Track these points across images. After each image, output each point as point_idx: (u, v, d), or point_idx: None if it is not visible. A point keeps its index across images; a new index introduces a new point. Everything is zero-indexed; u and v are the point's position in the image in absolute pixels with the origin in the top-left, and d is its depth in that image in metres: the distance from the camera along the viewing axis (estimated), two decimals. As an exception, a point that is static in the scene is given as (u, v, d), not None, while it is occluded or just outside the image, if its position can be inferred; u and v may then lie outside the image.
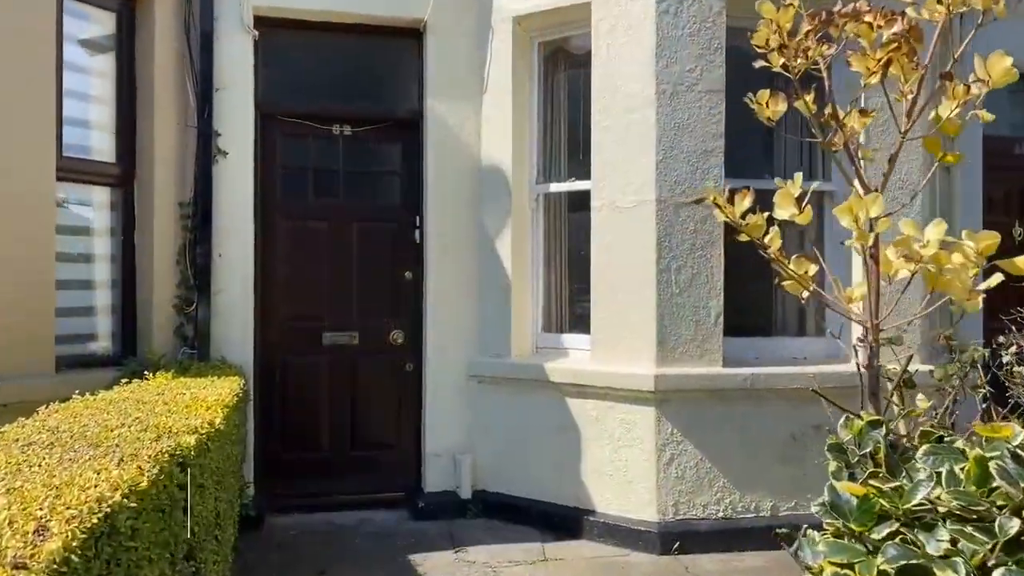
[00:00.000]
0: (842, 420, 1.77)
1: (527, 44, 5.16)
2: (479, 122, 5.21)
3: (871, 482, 1.54)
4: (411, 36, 5.27)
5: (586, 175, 4.85)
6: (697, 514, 4.49)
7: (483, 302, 5.19)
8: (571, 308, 5.20)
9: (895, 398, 2.31)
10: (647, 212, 4.50)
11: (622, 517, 4.56)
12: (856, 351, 2.64)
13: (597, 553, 4.46)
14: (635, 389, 4.50)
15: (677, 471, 4.48)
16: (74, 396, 3.13)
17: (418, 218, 5.28)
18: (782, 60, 1.68)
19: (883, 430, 1.65)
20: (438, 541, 4.61)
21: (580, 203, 4.97)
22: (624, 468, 4.59)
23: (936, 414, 2.70)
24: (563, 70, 5.25)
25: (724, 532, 4.47)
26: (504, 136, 5.09)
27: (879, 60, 1.56)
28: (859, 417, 2.42)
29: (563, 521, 4.74)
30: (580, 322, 5.05)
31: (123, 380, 3.73)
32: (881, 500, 1.50)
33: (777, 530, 4.48)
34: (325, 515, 5.01)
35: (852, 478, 1.67)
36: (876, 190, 1.70)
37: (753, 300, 5.03)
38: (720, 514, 4.51)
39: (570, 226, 5.20)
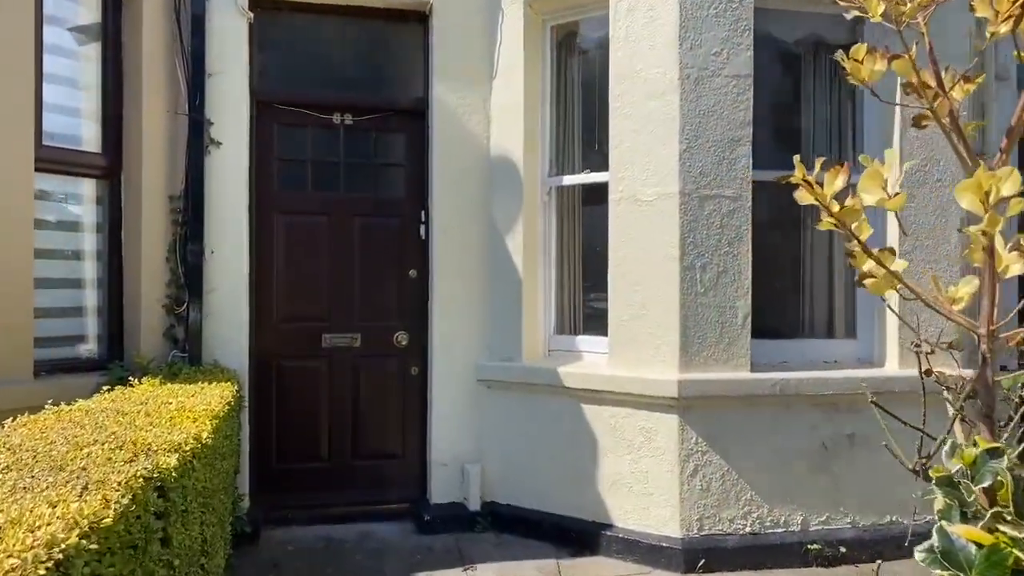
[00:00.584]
0: (947, 446, 1.46)
1: (539, 27, 4.86)
2: (488, 111, 4.91)
3: (1001, 528, 1.24)
4: (416, 20, 4.98)
5: (602, 167, 4.55)
6: (723, 529, 4.20)
7: (492, 302, 4.89)
8: (586, 308, 4.91)
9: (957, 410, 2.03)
10: (670, 205, 4.20)
11: (643, 532, 4.27)
12: (918, 356, 2.36)
13: (616, 571, 4.17)
14: (656, 395, 4.21)
15: (702, 483, 4.19)
16: (47, 406, 2.84)
17: (423, 212, 4.98)
18: (883, 7, 1.39)
19: (1005, 460, 1.35)
20: (445, 557, 4.32)
21: (596, 196, 4.67)
22: (644, 479, 4.29)
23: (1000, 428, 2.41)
24: (577, 55, 4.95)
25: (752, 548, 4.18)
26: (515, 126, 4.78)
27: (1016, 1, 1.27)
28: (921, 430, 2.13)
29: (579, 536, 4.44)
30: (596, 323, 4.75)
31: (105, 387, 3.44)
32: (1015, 550, 1.20)
33: (808, 546, 4.28)
34: (325, 528, 4.72)
35: (964, 518, 1.37)
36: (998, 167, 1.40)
37: (780, 300, 4.76)
38: (748, 529, 4.22)
39: (585, 221, 4.90)
